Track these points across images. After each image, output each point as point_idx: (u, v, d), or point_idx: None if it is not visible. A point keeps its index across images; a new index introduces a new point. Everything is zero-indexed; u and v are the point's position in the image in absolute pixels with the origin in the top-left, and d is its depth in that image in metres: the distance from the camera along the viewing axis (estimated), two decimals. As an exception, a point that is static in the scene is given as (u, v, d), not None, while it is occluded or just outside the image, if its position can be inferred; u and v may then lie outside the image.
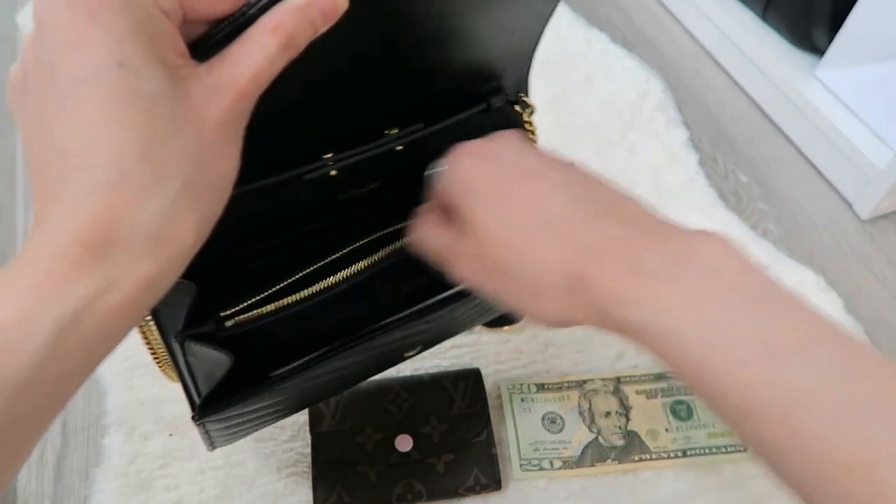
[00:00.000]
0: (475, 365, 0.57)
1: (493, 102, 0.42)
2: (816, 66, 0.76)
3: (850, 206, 0.72)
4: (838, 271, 0.66)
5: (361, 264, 0.41)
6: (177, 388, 0.53)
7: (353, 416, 0.52)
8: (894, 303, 0.64)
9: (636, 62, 0.85)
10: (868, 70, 0.76)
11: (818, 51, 0.77)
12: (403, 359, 0.50)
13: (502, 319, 0.60)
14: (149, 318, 0.39)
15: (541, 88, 0.82)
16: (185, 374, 0.41)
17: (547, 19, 0.41)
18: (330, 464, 0.50)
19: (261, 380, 0.39)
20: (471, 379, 0.54)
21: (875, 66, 0.76)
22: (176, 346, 0.38)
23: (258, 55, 0.25)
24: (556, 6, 0.40)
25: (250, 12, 0.26)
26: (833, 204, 0.72)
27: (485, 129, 0.44)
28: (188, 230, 0.25)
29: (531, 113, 0.46)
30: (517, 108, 0.45)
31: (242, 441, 0.52)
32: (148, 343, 0.42)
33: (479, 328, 0.60)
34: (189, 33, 0.26)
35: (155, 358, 0.44)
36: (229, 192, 0.27)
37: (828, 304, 0.63)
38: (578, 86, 0.81)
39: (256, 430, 0.46)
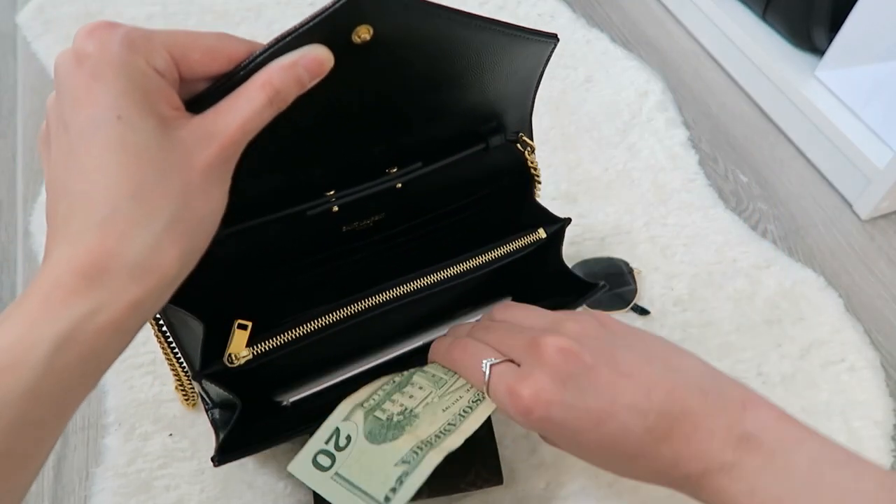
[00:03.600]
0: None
1: (492, 142, 0.43)
2: (816, 66, 0.76)
3: (850, 206, 0.72)
4: (838, 271, 0.66)
5: (369, 301, 0.42)
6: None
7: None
8: (894, 303, 0.64)
9: (636, 62, 0.85)
10: (868, 70, 0.76)
11: (818, 51, 0.77)
12: None
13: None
14: (177, 353, 0.43)
15: (540, 89, 0.82)
16: (208, 403, 0.45)
17: (546, 61, 0.42)
18: (330, 464, 0.49)
19: (274, 411, 0.42)
20: (471, 379, 0.54)
21: (875, 66, 0.77)
22: (195, 384, 0.41)
23: (246, 107, 0.29)
24: (554, 48, 0.41)
25: (242, 73, 0.29)
26: (833, 204, 0.72)
27: (485, 166, 0.46)
28: (172, 261, 0.28)
29: (532, 151, 0.46)
30: (518, 146, 0.45)
31: (242, 441, 0.52)
32: (176, 374, 0.47)
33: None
34: (190, 90, 0.30)
35: (181, 389, 0.49)
36: (215, 228, 0.30)
37: (828, 303, 0.63)
38: (578, 86, 0.82)
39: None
